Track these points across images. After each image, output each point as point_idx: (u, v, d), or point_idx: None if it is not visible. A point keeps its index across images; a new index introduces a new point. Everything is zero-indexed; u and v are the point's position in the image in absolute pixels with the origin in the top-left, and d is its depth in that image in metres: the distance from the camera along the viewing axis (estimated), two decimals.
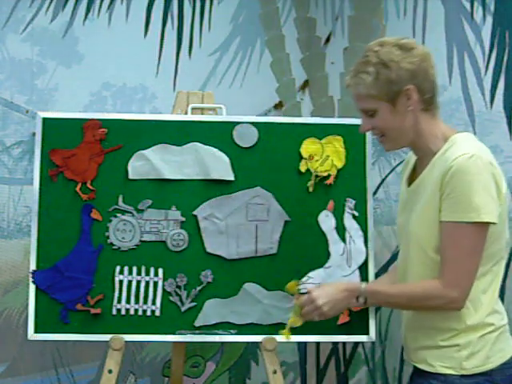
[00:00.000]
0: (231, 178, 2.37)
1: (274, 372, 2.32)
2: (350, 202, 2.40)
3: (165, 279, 2.34)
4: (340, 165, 2.40)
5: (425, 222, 1.93)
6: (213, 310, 2.34)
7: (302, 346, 3.13)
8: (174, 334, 2.34)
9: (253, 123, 2.40)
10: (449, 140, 1.94)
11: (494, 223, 1.86)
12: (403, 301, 2.00)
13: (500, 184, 1.89)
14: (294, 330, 2.22)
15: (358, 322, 2.36)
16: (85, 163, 2.35)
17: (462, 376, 1.90)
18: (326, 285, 2.13)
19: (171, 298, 2.34)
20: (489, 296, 1.92)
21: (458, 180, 1.85)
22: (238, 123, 2.40)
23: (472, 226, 1.85)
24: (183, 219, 2.36)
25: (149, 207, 2.36)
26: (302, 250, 2.38)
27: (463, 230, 1.86)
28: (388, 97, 1.94)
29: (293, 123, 2.43)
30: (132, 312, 2.34)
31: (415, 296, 1.96)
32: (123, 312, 2.34)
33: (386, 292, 2.03)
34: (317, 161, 2.40)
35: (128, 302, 2.34)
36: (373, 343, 2.95)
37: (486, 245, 1.88)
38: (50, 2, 2.88)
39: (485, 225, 1.86)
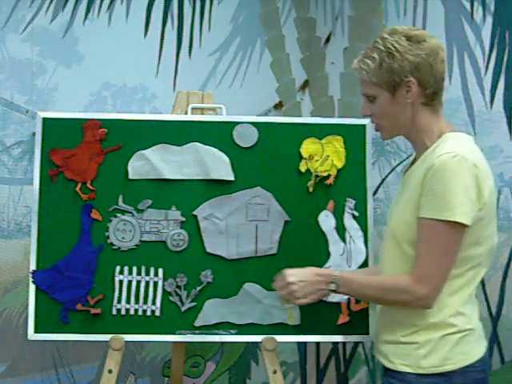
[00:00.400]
0: (231, 178, 2.37)
1: (274, 372, 2.32)
2: (350, 202, 2.40)
3: (165, 279, 2.34)
4: (340, 165, 2.40)
5: (403, 215, 1.92)
6: (213, 310, 2.34)
7: (302, 346, 3.13)
8: (174, 333, 2.34)
9: (253, 123, 2.40)
10: (442, 137, 1.93)
11: (466, 225, 1.83)
12: (373, 292, 1.95)
13: (482, 187, 1.85)
14: (294, 330, 2.22)
15: (357, 322, 2.36)
16: (85, 163, 2.35)
17: (419, 375, 1.88)
18: (299, 269, 2.06)
19: (171, 298, 2.34)
20: (456, 299, 1.89)
21: (439, 178, 1.83)
22: (238, 123, 2.40)
23: (447, 224, 1.82)
24: (183, 219, 2.36)
25: (149, 207, 2.36)
26: (302, 250, 2.38)
27: (438, 228, 1.83)
28: (388, 86, 1.93)
29: (293, 123, 2.43)
30: (132, 312, 2.34)
31: (385, 288, 1.93)
32: (123, 312, 2.34)
33: (359, 281, 1.99)
34: (317, 161, 2.40)
35: (128, 302, 2.34)
36: (373, 343, 2.95)
37: (461, 247, 1.86)
38: (50, 2, 2.88)
39: (459, 225, 1.83)
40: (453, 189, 1.82)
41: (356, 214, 2.40)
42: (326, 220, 2.40)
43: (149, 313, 2.34)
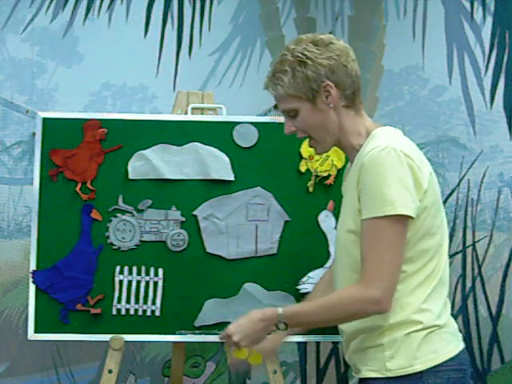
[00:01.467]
0: (231, 178, 2.37)
1: (274, 372, 2.32)
2: None
3: (165, 279, 2.34)
4: (340, 165, 2.40)
5: (347, 225, 1.84)
6: (213, 310, 2.34)
7: (302, 346, 3.13)
8: (173, 334, 2.34)
9: (253, 123, 2.40)
10: (370, 135, 1.86)
11: (410, 217, 1.75)
12: (325, 315, 1.80)
13: (419, 176, 1.77)
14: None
15: None
16: (85, 163, 2.35)
17: (388, 379, 1.78)
18: (243, 317, 1.88)
19: (171, 298, 2.34)
20: (418, 295, 1.79)
21: (370, 174, 1.76)
22: (238, 123, 2.40)
23: (389, 219, 1.73)
24: (183, 219, 2.36)
25: (149, 207, 2.36)
26: (302, 250, 2.38)
27: (380, 225, 1.74)
28: (307, 95, 1.86)
29: None
30: (132, 312, 2.34)
31: (331, 306, 1.79)
32: (123, 312, 2.34)
33: (305, 310, 1.84)
34: (317, 161, 2.40)
35: (128, 302, 2.34)
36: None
37: (413, 241, 1.78)
38: (50, 2, 2.88)
39: (402, 217, 1.74)
40: (388, 182, 1.74)
41: None
42: (326, 220, 2.40)
43: (149, 313, 2.34)
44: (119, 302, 2.34)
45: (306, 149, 2.39)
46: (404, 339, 1.78)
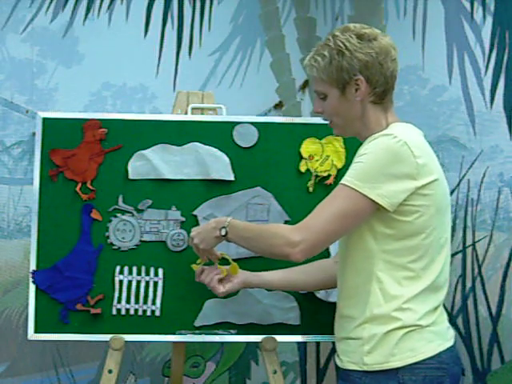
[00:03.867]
0: (231, 178, 2.37)
1: (274, 372, 2.32)
2: None
3: (165, 279, 2.34)
4: (340, 165, 2.40)
5: None
6: (213, 310, 2.33)
7: (302, 346, 3.13)
8: (174, 334, 2.34)
9: (253, 123, 2.40)
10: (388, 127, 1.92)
11: (380, 205, 1.80)
12: (252, 234, 1.96)
13: (414, 173, 1.81)
14: (294, 330, 2.24)
15: None
16: (85, 163, 2.35)
17: (365, 372, 1.85)
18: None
19: (171, 298, 2.34)
20: (404, 291, 1.84)
21: (367, 150, 1.84)
22: (238, 123, 2.40)
23: (353, 192, 1.81)
24: (183, 219, 2.36)
25: (149, 207, 2.36)
26: None
27: (343, 192, 1.83)
28: (337, 83, 1.92)
29: (293, 123, 2.43)
30: (132, 312, 2.34)
31: (263, 232, 1.95)
32: (123, 312, 2.34)
33: (244, 226, 2.02)
34: (317, 161, 2.40)
35: (128, 302, 2.34)
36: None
37: (400, 235, 1.83)
38: (50, 2, 2.88)
39: (368, 200, 1.80)
40: (377, 163, 1.81)
41: None
42: None
43: (149, 313, 2.34)
44: (119, 301, 2.34)
45: (305, 149, 2.39)
46: (383, 336, 1.84)
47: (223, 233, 2.03)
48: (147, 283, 2.34)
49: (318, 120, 2.44)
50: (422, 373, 1.83)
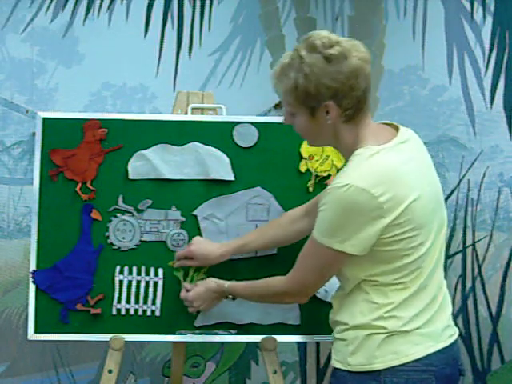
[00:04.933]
0: (231, 178, 2.37)
1: (274, 372, 2.32)
2: None
3: (165, 279, 2.34)
4: (340, 165, 2.39)
5: None
6: (213, 310, 2.33)
7: (302, 346, 3.13)
8: (174, 334, 2.34)
9: (253, 123, 2.40)
10: (353, 154, 1.85)
11: (354, 254, 1.81)
12: (254, 296, 2.14)
13: (377, 213, 1.77)
14: (294, 330, 2.24)
15: None
16: (85, 163, 2.35)
17: (349, 372, 1.86)
18: (200, 284, 2.23)
19: (171, 298, 2.34)
20: (389, 301, 1.84)
21: (326, 203, 1.81)
22: (238, 123, 2.40)
23: (324, 247, 1.83)
24: (183, 219, 2.36)
25: (149, 207, 2.36)
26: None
27: (316, 247, 1.85)
28: (305, 107, 1.84)
29: None
30: (132, 312, 2.34)
31: (263, 290, 2.08)
32: (123, 312, 2.34)
33: (242, 287, 2.14)
34: (317, 161, 2.40)
35: (128, 302, 2.34)
36: None
37: (382, 261, 1.83)
38: (50, 2, 2.88)
39: (340, 252, 1.81)
40: (336, 217, 1.79)
41: None
42: None
43: (149, 313, 2.34)
44: (119, 301, 2.34)
45: (305, 149, 2.39)
46: (366, 338, 1.85)
47: (231, 298, 2.19)
48: (147, 283, 2.34)
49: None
50: (405, 375, 1.82)
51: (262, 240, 2.29)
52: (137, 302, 2.34)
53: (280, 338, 2.34)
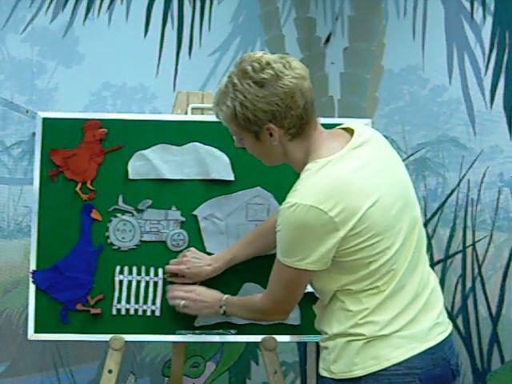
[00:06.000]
0: (231, 178, 2.37)
1: (274, 372, 2.32)
2: None
3: (165, 279, 2.34)
4: None
5: None
6: None
7: (302, 346, 3.13)
8: (174, 334, 2.34)
9: None
10: (303, 170, 1.85)
11: (314, 270, 1.83)
12: (244, 314, 2.18)
13: (330, 228, 1.77)
14: (294, 330, 2.24)
15: None
16: (85, 163, 2.35)
17: (333, 379, 1.87)
18: (199, 293, 2.24)
19: None
20: (364, 307, 1.83)
21: (280, 224, 1.82)
22: None
23: (287, 266, 1.85)
24: (183, 219, 2.36)
25: (149, 207, 2.36)
26: None
27: (281, 267, 1.88)
28: (249, 132, 1.86)
29: None
30: (132, 312, 2.34)
31: (249, 311, 2.12)
32: (123, 312, 2.34)
33: (236, 306, 2.16)
34: None
35: (128, 302, 2.34)
36: None
37: (347, 271, 1.83)
38: (50, 2, 2.88)
39: (301, 270, 1.83)
40: (290, 237, 1.81)
41: None
42: None
43: (149, 313, 2.34)
44: (119, 301, 2.34)
45: None
46: (344, 346, 1.85)
47: (222, 311, 2.20)
48: (147, 283, 2.34)
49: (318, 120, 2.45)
50: (387, 380, 1.81)
51: (248, 251, 2.30)
52: (137, 302, 2.34)
53: (280, 338, 2.34)
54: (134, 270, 2.34)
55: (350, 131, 1.91)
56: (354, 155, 1.84)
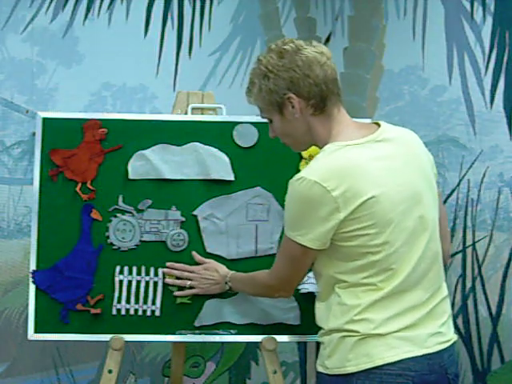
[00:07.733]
0: (231, 178, 2.37)
1: (274, 372, 2.32)
2: None
3: (165, 279, 2.34)
4: None
5: None
6: (213, 310, 2.33)
7: (302, 346, 3.13)
8: (174, 334, 2.34)
9: (253, 123, 2.40)
10: (322, 148, 1.90)
11: (313, 249, 1.85)
12: (247, 289, 2.23)
13: (333, 207, 1.79)
14: (294, 330, 2.23)
15: None
16: (85, 163, 2.35)
17: (328, 375, 1.88)
18: (208, 272, 2.31)
19: (171, 298, 2.34)
20: (360, 302, 1.83)
21: (287, 199, 1.88)
22: (238, 123, 2.40)
23: (291, 241, 1.88)
24: (183, 219, 2.36)
25: (149, 207, 2.36)
26: None
27: (287, 242, 1.91)
28: (273, 106, 1.92)
29: None
30: (132, 312, 2.34)
31: (252, 285, 2.17)
32: (123, 312, 2.34)
33: (239, 279, 2.23)
34: None
35: (128, 302, 2.34)
36: None
37: (347, 258, 1.84)
38: (50, 2, 2.88)
39: (302, 246, 1.85)
40: (295, 211, 1.86)
41: None
42: None
43: (149, 313, 2.34)
44: (119, 302, 2.34)
45: None
46: (339, 341, 1.86)
47: (228, 287, 2.26)
48: (147, 283, 2.34)
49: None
50: (378, 378, 1.80)
51: None
52: (137, 301, 2.34)
53: (280, 338, 2.34)
54: (134, 270, 2.34)
55: (378, 126, 1.94)
56: (372, 147, 1.87)
